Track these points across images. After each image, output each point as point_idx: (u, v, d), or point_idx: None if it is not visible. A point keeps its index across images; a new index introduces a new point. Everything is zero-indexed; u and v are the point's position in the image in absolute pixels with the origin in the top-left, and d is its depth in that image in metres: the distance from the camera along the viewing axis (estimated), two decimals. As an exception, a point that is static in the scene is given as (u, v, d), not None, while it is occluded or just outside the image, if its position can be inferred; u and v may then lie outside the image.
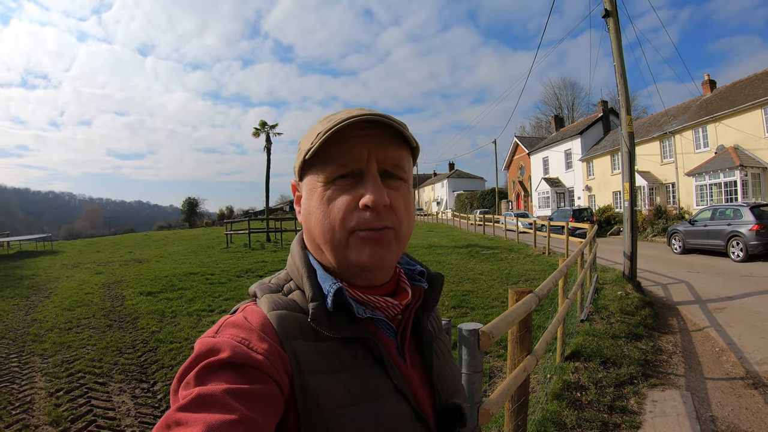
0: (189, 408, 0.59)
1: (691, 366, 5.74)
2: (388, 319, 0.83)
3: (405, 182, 0.83)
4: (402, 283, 0.88)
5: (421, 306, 0.90)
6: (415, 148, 0.84)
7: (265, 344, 0.70)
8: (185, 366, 0.67)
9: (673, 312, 8.42)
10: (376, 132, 0.78)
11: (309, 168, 0.82)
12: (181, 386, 0.65)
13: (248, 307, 0.79)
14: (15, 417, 5.05)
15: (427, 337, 0.89)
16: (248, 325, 0.72)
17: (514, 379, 2.79)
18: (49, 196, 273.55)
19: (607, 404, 4.51)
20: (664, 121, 29.13)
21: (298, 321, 0.76)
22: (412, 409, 0.77)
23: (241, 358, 0.66)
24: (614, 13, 10.74)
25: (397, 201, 0.79)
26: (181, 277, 13.77)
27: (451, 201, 67.47)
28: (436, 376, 0.86)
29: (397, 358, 0.81)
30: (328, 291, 0.77)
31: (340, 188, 0.78)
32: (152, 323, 8.62)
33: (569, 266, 5.36)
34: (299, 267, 0.83)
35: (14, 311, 10.57)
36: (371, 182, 0.77)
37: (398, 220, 0.80)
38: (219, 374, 0.64)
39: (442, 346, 0.95)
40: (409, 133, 0.81)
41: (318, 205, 0.79)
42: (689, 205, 25.23)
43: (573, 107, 64.23)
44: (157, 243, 29.32)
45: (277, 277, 0.88)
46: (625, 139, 10.65)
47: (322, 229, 0.78)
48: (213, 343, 0.68)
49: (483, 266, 14.39)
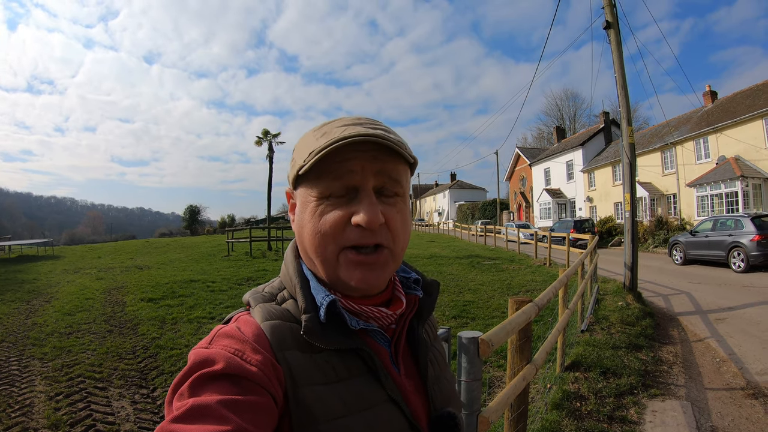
0: (183, 419, 0.59)
1: (691, 376, 5.73)
2: (382, 328, 0.83)
3: (401, 197, 0.82)
4: (397, 292, 0.88)
5: (416, 314, 0.90)
6: (413, 163, 0.84)
7: (259, 356, 0.69)
8: (179, 377, 0.67)
9: (674, 322, 8.41)
10: (372, 147, 0.76)
11: (302, 181, 0.80)
12: (176, 397, 0.65)
13: (242, 317, 0.79)
14: (14, 420, 5.05)
15: (422, 345, 0.88)
16: (242, 336, 0.72)
17: (513, 387, 2.80)
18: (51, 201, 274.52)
19: (606, 414, 4.50)
20: (665, 132, 29.21)
21: (292, 331, 0.75)
22: (406, 419, 0.77)
23: (235, 369, 0.66)
24: (615, 24, 10.80)
25: (393, 217, 0.78)
26: (182, 284, 13.77)
27: (452, 211, 67.60)
28: (431, 385, 0.86)
29: (391, 368, 0.81)
30: (321, 303, 0.77)
31: (333, 204, 0.77)
32: (153, 329, 8.61)
33: (569, 276, 5.37)
34: (292, 277, 0.83)
35: (15, 315, 10.57)
36: (365, 200, 0.76)
37: (393, 237, 0.79)
38: (213, 385, 0.64)
39: (438, 354, 0.95)
40: (406, 151, 0.80)
41: (310, 219, 0.78)
42: (690, 215, 25.26)
43: (575, 118, 64.56)
44: (158, 250, 29.32)
45: (270, 286, 0.87)
46: (626, 150, 10.68)
47: (313, 243, 0.78)
48: (207, 354, 0.68)
49: (484, 277, 14.39)
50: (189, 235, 65.28)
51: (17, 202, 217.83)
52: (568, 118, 64.81)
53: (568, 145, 41.87)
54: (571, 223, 26.42)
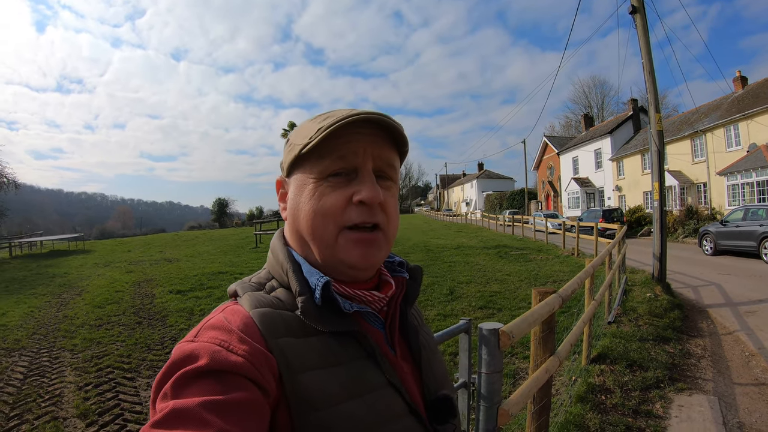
0: (164, 424, 0.58)
1: (719, 370, 5.60)
2: (375, 311, 0.83)
3: (394, 183, 0.84)
4: (384, 276, 0.88)
5: (404, 298, 0.89)
6: (405, 151, 0.86)
7: (246, 345, 0.67)
8: (162, 374, 0.65)
9: (703, 315, 8.23)
10: (373, 131, 0.79)
11: (301, 163, 0.81)
12: (159, 397, 0.63)
13: (229, 306, 0.76)
14: (44, 409, 5.20)
15: (411, 329, 0.89)
16: (228, 326, 0.70)
17: (535, 380, 2.77)
18: (81, 197, 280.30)
19: (632, 408, 4.43)
20: (694, 119, 28.45)
21: (283, 318, 0.74)
22: (405, 402, 0.77)
23: (220, 364, 0.64)
24: (641, 9, 10.55)
25: (387, 201, 0.80)
26: (210, 276, 13.98)
27: (480, 201, 67.26)
28: (425, 367, 0.86)
29: (388, 351, 0.81)
30: (315, 285, 0.76)
31: (333, 185, 0.77)
32: (181, 321, 8.77)
33: (596, 267, 5.28)
34: (283, 263, 0.82)
35: (46, 308, 10.87)
36: (367, 179, 0.77)
37: (387, 219, 0.80)
38: (196, 385, 0.62)
39: (428, 337, 0.95)
40: (404, 133, 0.82)
41: (308, 200, 0.78)
42: (721, 205, 24.64)
43: (603, 106, 63.49)
44: (187, 243, 29.78)
45: (257, 276, 0.87)
46: (654, 137, 10.46)
47: (312, 224, 0.78)
48: (191, 349, 0.66)
49: (511, 267, 14.29)
50: (217, 227, 66.22)
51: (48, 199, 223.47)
52: (596, 105, 63.86)
53: (596, 133, 41.16)
54: (599, 213, 25.99)
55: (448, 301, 9.52)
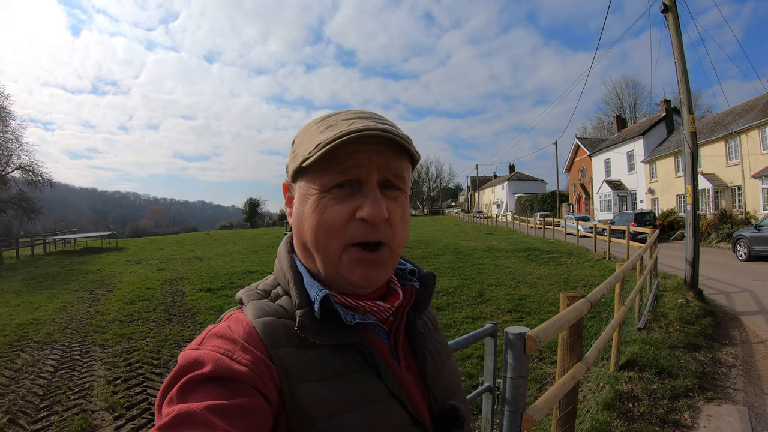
0: (170, 427, 0.59)
1: (750, 380, 5.44)
2: (380, 322, 0.82)
3: (403, 192, 0.81)
4: (392, 285, 0.87)
5: (413, 306, 0.88)
6: (416, 159, 0.82)
7: (249, 355, 0.68)
8: (168, 380, 0.66)
9: (736, 322, 8.02)
10: (378, 141, 0.75)
11: (304, 173, 0.79)
12: (165, 402, 0.64)
13: (233, 315, 0.78)
14: (74, 402, 5.36)
15: (419, 337, 0.87)
16: (232, 335, 0.71)
17: (561, 386, 2.73)
18: (115, 196, 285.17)
19: (659, 417, 4.34)
20: (729, 120, 27.72)
21: (286, 327, 0.74)
22: (408, 414, 0.76)
23: (224, 371, 0.65)
24: (673, 8, 10.33)
25: (394, 212, 0.78)
26: (240, 275, 14.16)
27: (511, 204, 66.86)
28: (431, 377, 0.85)
29: (391, 362, 0.80)
30: (314, 298, 0.76)
31: (337, 198, 0.75)
32: (210, 318, 8.89)
33: (626, 272, 5.19)
34: (286, 272, 0.82)
35: (79, 303, 11.14)
36: (371, 194, 0.75)
37: (393, 233, 0.78)
38: (201, 390, 0.64)
39: (438, 345, 0.93)
40: (413, 147, 0.79)
41: (311, 212, 0.76)
42: (756, 209, 24.02)
43: (635, 107, 62.45)
44: (218, 242, 30.22)
45: (264, 282, 0.86)
46: (687, 139, 10.23)
47: (315, 238, 0.76)
48: (196, 356, 0.67)
49: (541, 270, 14.16)
50: (249, 227, 67.06)
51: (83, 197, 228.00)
52: (628, 106, 62.77)
53: (628, 134, 40.51)
54: (631, 216, 25.49)
55: (477, 304, 9.48)
